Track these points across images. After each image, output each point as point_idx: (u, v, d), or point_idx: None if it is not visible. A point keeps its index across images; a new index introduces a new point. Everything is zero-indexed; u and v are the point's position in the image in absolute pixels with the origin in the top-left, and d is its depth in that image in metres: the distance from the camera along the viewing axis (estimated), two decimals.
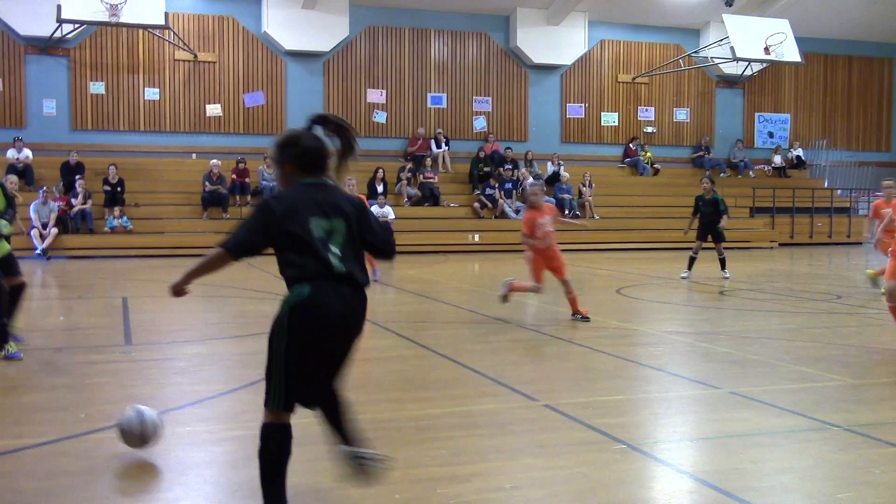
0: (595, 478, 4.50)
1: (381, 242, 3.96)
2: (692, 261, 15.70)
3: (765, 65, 29.33)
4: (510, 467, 4.70)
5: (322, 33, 26.17)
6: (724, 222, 15.89)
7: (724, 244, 15.92)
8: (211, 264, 3.79)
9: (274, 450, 3.74)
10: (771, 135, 31.72)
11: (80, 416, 5.73)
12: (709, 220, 15.75)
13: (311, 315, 3.66)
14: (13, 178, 14.88)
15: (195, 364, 7.61)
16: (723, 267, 15.72)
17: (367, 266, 3.94)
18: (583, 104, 29.37)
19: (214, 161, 23.57)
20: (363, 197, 15.06)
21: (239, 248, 3.73)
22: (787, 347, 8.62)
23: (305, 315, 3.66)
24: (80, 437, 5.22)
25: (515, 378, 6.97)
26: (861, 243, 28.86)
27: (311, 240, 3.69)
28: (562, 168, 26.96)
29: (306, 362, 3.72)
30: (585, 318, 10.07)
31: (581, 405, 6.10)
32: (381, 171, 24.57)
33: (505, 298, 10.63)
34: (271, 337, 3.72)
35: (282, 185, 3.94)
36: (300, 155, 3.89)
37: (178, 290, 3.93)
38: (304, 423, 4.04)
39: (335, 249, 3.73)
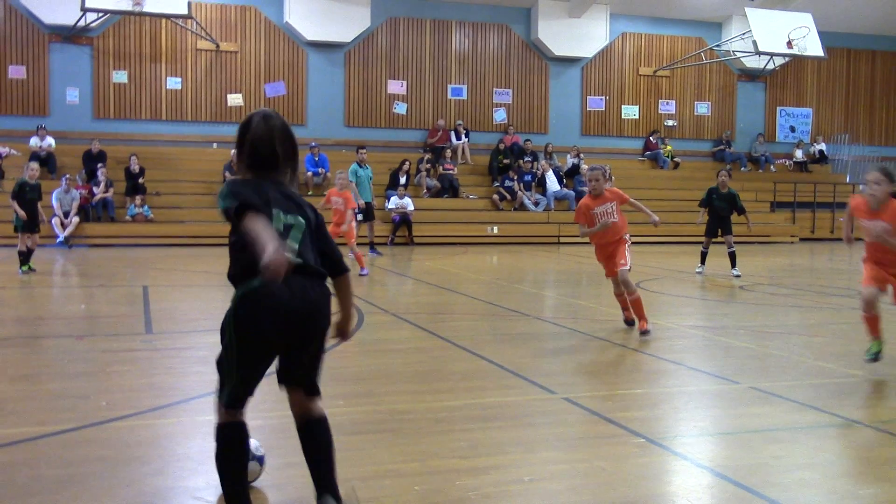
0: (614, 471, 4.49)
1: (337, 255, 3.76)
2: (704, 255, 15.62)
3: (787, 59, 29.14)
4: (529, 460, 4.70)
5: (343, 24, 26.18)
6: (750, 225, 15.79)
7: (735, 238, 15.57)
8: (260, 228, 3.30)
9: (231, 452, 3.55)
10: (793, 129, 31.52)
11: (101, 404, 5.76)
12: (721, 215, 15.44)
13: (260, 306, 3.42)
14: (34, 164, 14.99)
15: (216, 354, 7.63)
16: (733, 264, 15.20)
17: (357, 263, 3.87)
18: (603, 97, 29.27)
19: (235, 151, 23.60)
20: (349, 194, 14.48)
21: (246, 203, 3.40)
22: (807, 343, 8.57)
23: (254, 306, 3.42)
24: (101, 426, 5.25)
25: (534, 371, 6.97)
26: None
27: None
28: (582, 161, 26.89)
29: (257, 356, 3.54)
30: (645, 332, 8.55)
31: (600, 398, 6.09)
32: (407, 163, 24.52)
33: (644, 332, 8.53)
34: (222, 330, 3.55)
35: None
36: (254, 147, 3.74)
37: (281, 262, 3.21)
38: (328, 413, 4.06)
39: (293, 244, 3.53)
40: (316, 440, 3.67)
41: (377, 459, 4.61)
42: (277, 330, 3.47)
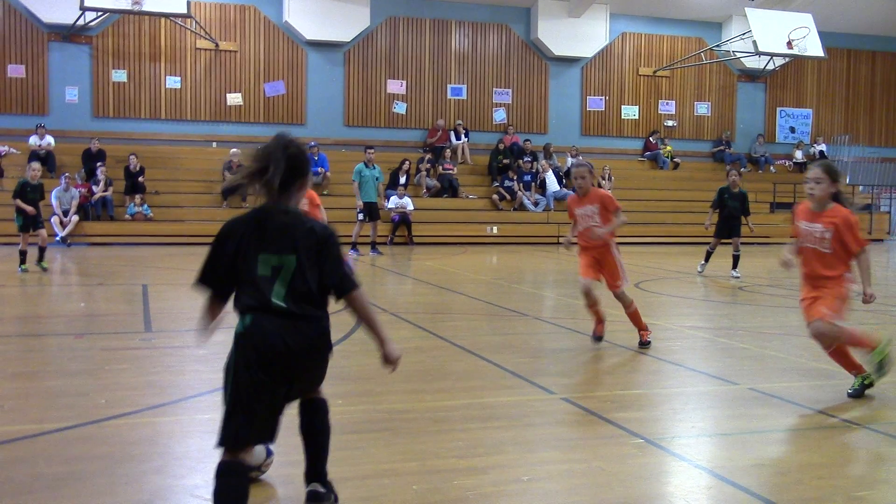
0: (612, 472, 4.49)
1: (336, 278, 3.63)
2: (709, 255, 15.56)
3: (787, 59, 29.16)
4: (527, 460, 4.70)
5: (343, 23, 26.19)
6: (751, 227, 15.79)
7: (741, 239, 15.52)
8: (205, 307, 3.74)
9: (223, 490, 3.43)
10: (793, 130, 31.53)
11: (100, 401, 5.76)
12: (733, 215, 15.38)
13: (251, 343, 3.51)
14: (36, 165, 14.98)
15: (215, 352, 7.61)
16: (735, 265, 15.26)
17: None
18: (603, 97, 29.28)
19: (234, 150, 23.64)
20: (313, 193, 14.04)
21: (201, 280, 3.68)
22: (806, 344, 8.55)
23: (246, 343, 3.52)
24: (100, 423, 5.25)
25: (533, 371, 6.97)
26: (882, 240, 28.66)
27: (255, 279, 3.54)
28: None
29: (250, 391, 3.51)
30: (645, 343, 8.12)
31: (599, 399, 6.10)
32: (407, 162, 24.54)
33: (645, 344, 8.12)
34: (224, 371, 3.61)
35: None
36: (259, 169, 3.62)
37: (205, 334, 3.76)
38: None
39: (279, 288, 3.54)
40: (311, 421, 3.82)
41: (376, 459, 4.62)
42: (265, 365, 3.51)
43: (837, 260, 6.07)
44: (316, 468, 3.82)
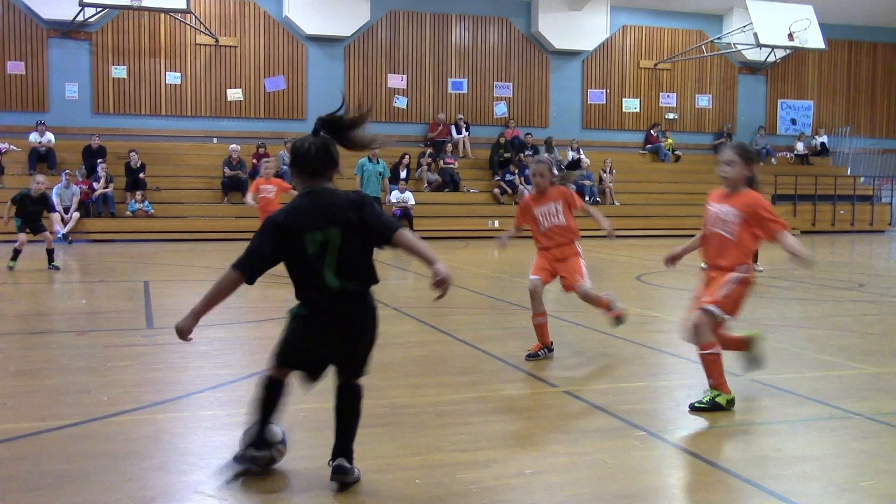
0: (615, 464, 4.49)
1: (380, 223, 3.99)
2: None
3: (788, 51, 29.12)
4: (530, 453, 4.70)
5: (343, 18, 26.17)
6: None
7: None
8: (220, 288, 4.00)
9: (265, 394, 4.16)
10: (794, 122, 31.50)
11: (103, 399, 5.76)
12: None
13: (310, 323, 4.04)
14: (41, 178, 14.92)
15: (216, 348, 7.64)
16: (755, 259, 15.14)
17: None
18: (604, 90, 29.25)
19: (234, 146, 23.63)
20: (280, 182, 14.85)
21: (248, 267, 3.98)
22: (808, 335, 8.57)
23: (304, 322, 4.06)
24: (103, 420, 5.25)
25: (535, 364, 6.97)
26: (883, 231, 28.65)
27: (306, 259, 3.93)
28: (581, 154, 26.87)
29: (302, 353, 4.11)
30: (619, 319, 7.56)
31: (601, 392, 6.09)
32: (407, 157, 24.57)
33: (618, 320, 7.60)
34: (291, 314, 4.13)
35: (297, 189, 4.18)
36: (295, 160, 4.07)
37: (185, 333, 4.04)
38: (320, 408, 4.09)
39: (330, 261, 3.93)
40: (345, 403, 4.21)
41: (379, 453, 4.61)
42: (320, 343, 4.06)
43: (737, 250, 5.63)
44: (343, 445, 4.16)
